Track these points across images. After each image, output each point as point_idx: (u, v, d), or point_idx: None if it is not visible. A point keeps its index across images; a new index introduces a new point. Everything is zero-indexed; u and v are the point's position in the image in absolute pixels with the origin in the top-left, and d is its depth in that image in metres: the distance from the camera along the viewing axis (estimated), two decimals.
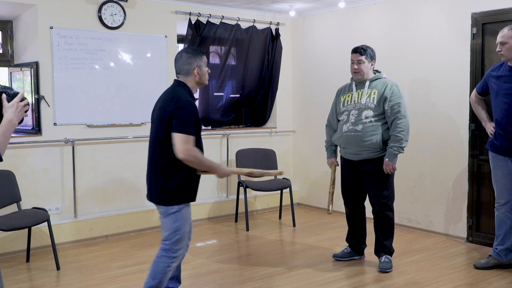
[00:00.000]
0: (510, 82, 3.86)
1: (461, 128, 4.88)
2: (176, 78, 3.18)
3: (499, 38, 3.88)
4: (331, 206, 4.22)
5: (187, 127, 2.95)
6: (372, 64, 4.13)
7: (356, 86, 4.17)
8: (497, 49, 3.91)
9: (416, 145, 5.21)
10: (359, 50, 4.10)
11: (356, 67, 4.11)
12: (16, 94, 2.19)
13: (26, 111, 2.20)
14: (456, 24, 4.87)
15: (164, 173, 3.04)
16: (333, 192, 4.27)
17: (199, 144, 3.08)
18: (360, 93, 4.12)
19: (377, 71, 4.21)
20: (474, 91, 4.27)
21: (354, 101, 4.13)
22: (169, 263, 3.10)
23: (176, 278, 3.39)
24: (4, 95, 2.16)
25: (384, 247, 4.21)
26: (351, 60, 4.15)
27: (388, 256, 4.21)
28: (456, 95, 4.90)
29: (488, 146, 4.14)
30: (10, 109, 2.14)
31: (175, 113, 2.95)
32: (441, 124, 5.05)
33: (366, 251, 4.46)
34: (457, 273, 4.09)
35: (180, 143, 2.93)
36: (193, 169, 3.06)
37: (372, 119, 4.03)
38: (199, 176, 3.15)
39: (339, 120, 4.26)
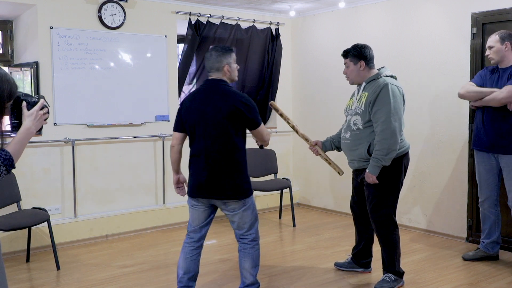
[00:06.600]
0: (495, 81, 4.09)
1: (461, 128, 4.88)
2: (210, 78, 3.24)
3: (488, 43, 4.08)
4: (337, 167, 3.85)
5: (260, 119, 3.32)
6: (361, 65, 3.63)
7: (357, 90, 3.77)
8: (486, 53, 4.12)
9: (416, 145, 5.21)
10: (343, 53, 3.72)
11: (344, 71, 3.77)
12: (36, 102, 2.18)
13: (46, 119, 2.18)
14: (456, 24, 4.87)
15: (236, 168, 3.21)
16: (325, 157, 3.89)
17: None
18: (356, 97, 3.73)
19: (381, 68, 3.72)
20: (470, 83, 4.24)
21: (351, 107, 3.76)
22: (258, 247, 3.36)
23: (194, 277, 3.38)
24: (24, 103, 2.15)
25: (386, 264, 3.74)
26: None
27: (390, 275, 3.71)
28: (456, 95, 4.89)
29: (473, 145, 4.29)
30: (29, 117, 2.12)
31: (247, 109, 3.16)
32: (441, 124, 5.05)
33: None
34: (457, 273, 4.09)
35: (266, 134, 3.38)
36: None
37: (360, 127, 3.61)
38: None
39: None
